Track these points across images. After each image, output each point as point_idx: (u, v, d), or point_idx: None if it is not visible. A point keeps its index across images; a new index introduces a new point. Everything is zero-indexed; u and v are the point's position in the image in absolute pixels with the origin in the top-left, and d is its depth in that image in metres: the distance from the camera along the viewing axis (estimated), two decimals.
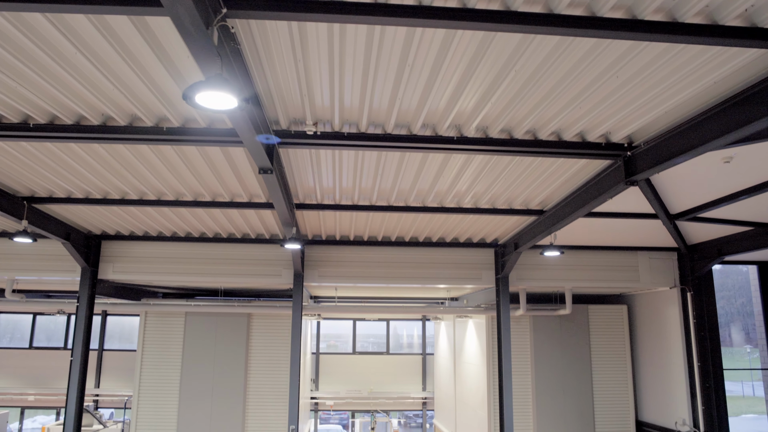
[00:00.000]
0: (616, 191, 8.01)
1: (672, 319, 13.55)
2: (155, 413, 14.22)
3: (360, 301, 17.84)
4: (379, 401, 22.55)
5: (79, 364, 12.14)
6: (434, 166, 8.72)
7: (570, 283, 13.58)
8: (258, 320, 14.81)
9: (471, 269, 13.28)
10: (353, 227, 12.25)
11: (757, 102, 5.56)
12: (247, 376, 14.52)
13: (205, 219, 11.62)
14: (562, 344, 14.98)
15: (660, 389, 14.04)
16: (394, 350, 23.89)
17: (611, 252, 13.54)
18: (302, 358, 17.78)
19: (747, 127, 5.68)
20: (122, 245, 12.99)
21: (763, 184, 8.70)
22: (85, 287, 12.46)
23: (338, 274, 13.12)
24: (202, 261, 12.92)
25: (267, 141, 6.62)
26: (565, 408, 14.67)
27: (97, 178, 9.29)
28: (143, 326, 14.69)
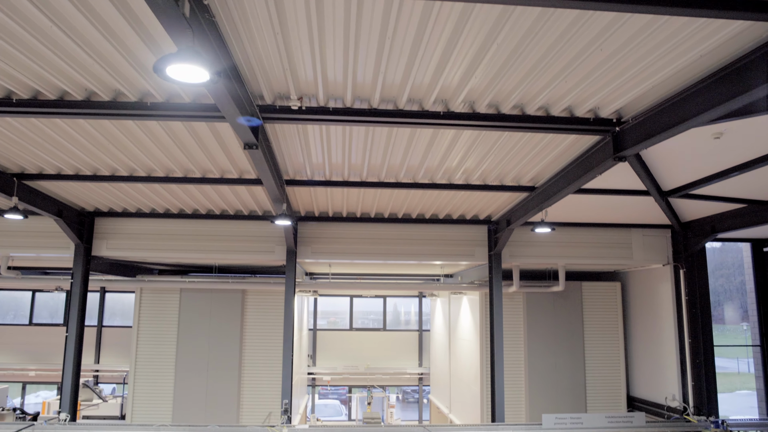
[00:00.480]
0: (605, 167, 7.96)
1: (664, 295, 13.59)
2: (152, 388, 14.41)
3: (355, 277, 17.91)
4: (376, 377, 22.80)
5: (75, 340, 12.25)
6: (423, 141, 8.66)
7: (563, 259, 13.60)
8: (252, 296, 14.91)
9: (464, 246, 13.29)
10: (345, 204, 12.24)
11: (744, 75, 5.48)
12: (242, 351, 14.66)
13: (196, 195, 11.61)
14: (556, 321, 15.06)
15: (651, 365, 14.15)
16: (391, 327, 24.08)
17: (605, 229, 13.53)
18: (298, 334, 17.94)
19: (733, 101, 5.60)
20: (115, 222, 13.01)
21: (754, 161, 8.63)
22: (78, 264, 12.51)
23: (331, 251, 13.15)
24: (195, 238, 12.94)
25: (249, 123, 6.56)
26: (557, 383, 14.81)
27: (85, 154, 9.26)
28: (138, 303, 14.79)
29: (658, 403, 13.64)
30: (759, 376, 13.19)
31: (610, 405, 14.74)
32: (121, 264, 14.77)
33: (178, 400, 14.24)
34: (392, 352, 23.47)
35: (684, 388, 12.83)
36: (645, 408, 14.12)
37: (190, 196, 11.63)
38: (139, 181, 10.38)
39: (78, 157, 9.40)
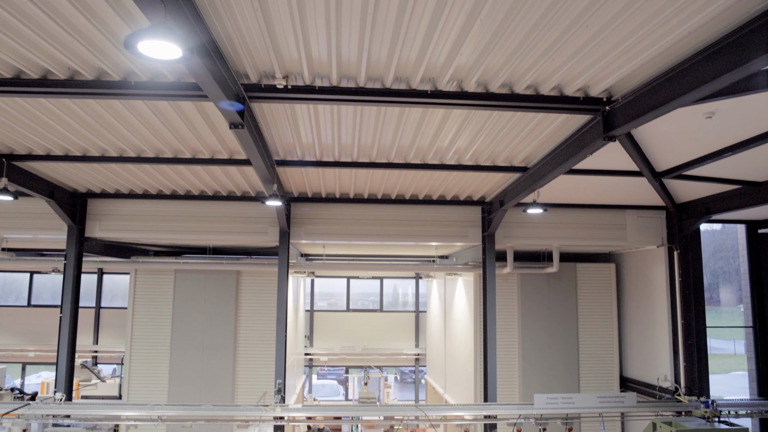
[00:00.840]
0: (595, 147, 7.88)
1: (658, 277, 13.58)
2: (148, 368, 14.51)
3: (350, 259, 17.92)
4: (373, 357, 22.96)
5: (69, 321, 12.31)
6: (413, 121, 8.58)
7: (557, 241, 13.57)
8: (247, 277, 14.93)
9: (458, 227, 13.26)
10: (338, 184, 12.18)
11: (732, 52, 5.38)
12: (237, 332, 14.73)
13: (188, 176, 11.55)
14: (550, 302, 15.09)
15: (644, 346, 14.20)
16: (388, 308, 24.17)
17: (599, 210, 13.47)
18: (294, 316, 18.01)
19: (722, 78, 5.51)
20: (108, 203, 12.98)
21: (747, 141, 8.54)
22: (72, 245, 12.51)
23: (325, 232, 13.12)
24: (188, 219, 12.92)
25: (230, 107, 6.48)
26: (550, 364, 14.89)
27: (73, 134, 9.19)
28: (133, 284, 14.83)
29: (651, 384, 13.71)
30: (751, 357, 13.23)
31: (603, 385, 14.83)
32: (115, 245, 14.77)
33: (174, 380, 14.35)
34: (389, 333, 23.60)
35: (676, 369, 12.88)
36: (638, 388, 14.20)
37: (182, 176, 11.57)
38: (129, 161, 10.32)
39: (66, 137, 9.34)
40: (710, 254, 33.85)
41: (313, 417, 12.69)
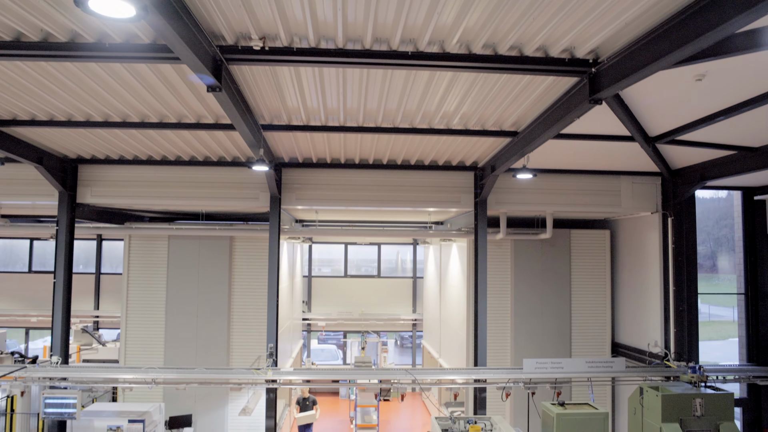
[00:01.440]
0: (582, 110, 7.72)
1: (652, 244, 13.51)
2: (143, 333, 14.70)
3: (344, 224, 17.91)
4: (370, 322, 23.20)
5: (63, 287, 12.41)
6: (398, 84, 8.41)
7: (551, 207, 13.48)
8: (240, 243, 14.96)
9: (450, 193, 13.17)
10: (328, 150, 12.06)
11: (711, 11, 5.17)
12: (231, 297, 14.85)
13: (176, 141, 11.44)
14: (543, 268, 15.08)
15: (636, 312, 14.23)
16: (386, 274, 24.30)
17: (593, 176, 13.32)
18: (289, 281, 18.13)
19: (703, 37, 5.31)
20: (99, 169, 12.93)
21: (739, 105, 8.34)
22: (63, 212, 12.52)
23: (316, 197, 13.07)
24: (179, 184, 12.87)
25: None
26: (543, 329, 14.98)
27: (56, 99, 9.07)
28: (128, 249, 14.90)
29: (642, 350, 13.80)
30: (741, 324, 13.25)
31: (594, 351, 14.94)
32: (108, 211, 14.80)
33: (170, 344, 14.56)
34: (387, 298, 23.79)
35: (666, 335, 12.93)
36: (629, 354, 14.30)
37: (170, 142, 11.48)
38: (114, 126, 10.23)
39: (49, 102, 9.23)
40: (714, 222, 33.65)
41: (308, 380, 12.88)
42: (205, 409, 14.50)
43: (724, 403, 10.77)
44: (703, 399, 10.71)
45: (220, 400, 14.47)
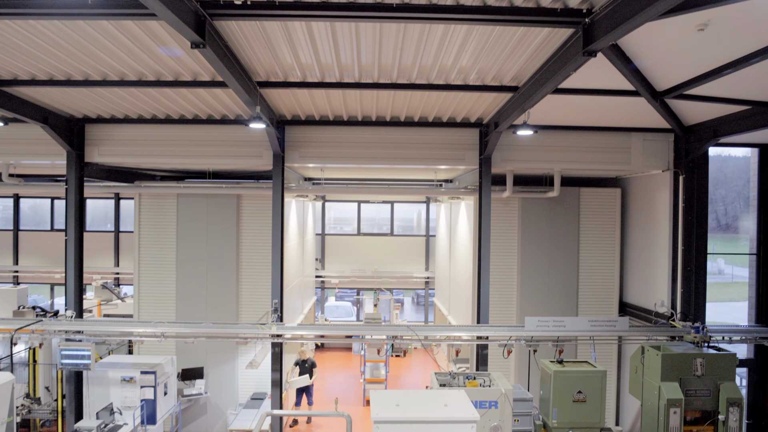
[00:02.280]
0: (576, 63, 7.43)
1: (662, 202, 13.19)
2: (155, 289, 15.11)
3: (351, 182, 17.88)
4: (383, 280, 23.43)
5: (74, 244, 12.74)
6: (390, 38, 8.21)
7: (559, 164, 13.20)
8: (247, 201, 15.07)
9: (455, 150, 12.97)
10: (329, 106, 11.92)
11: None
12: (239, 254, 15.08)
13: (177, 100, 11.42)
14: (551, 226, 14.90)
15: (645, 272, 14.04)
16: (398, 232, 24.36)
17: (603, 133, 12.95)
18: (299, 239, 18.33)
19: None
20: (105, 128, 13.05)
21: (748, 56, 7.93)
22: (72, 171, 12.74)
23: (319, 155, 13.02)
24: (183, 143, 12.94)
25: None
26: (549, 288, 14.92)
27: (50, 58, 9.10)
28: (138, 208, 15.16)
29: (649, 309, 13.67)
30: (752, 284, 12.97)
31: (601, 310, 14.85)
32: (118, 170, 15.02)
33: (181, 300, 14.95)
34: (399, 257, 23.92)
35: (673, 295, 12.77)
36: (636, 314, 14.19)
37: (171, 100, 11.47)
38: (112, 85, 10.24)
39: (45, 61, 9.27)
40: (745, 182, 32.74)
41: (322, 335, 13.13)
42: (216, 362, 14.98)
43: (726, 363, 10.69)
44: (704, 359, 10.64)
45: (230, 354, 14.92)
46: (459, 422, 6.17)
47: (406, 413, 6.29)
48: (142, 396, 12.42)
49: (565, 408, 10.39)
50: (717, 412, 10.59)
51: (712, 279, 31.27)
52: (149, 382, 12.44)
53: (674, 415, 10.41)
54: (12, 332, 11.61)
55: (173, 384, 13.45)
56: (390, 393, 6.93)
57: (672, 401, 10.40)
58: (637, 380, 11.67)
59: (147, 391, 12.42)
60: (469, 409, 6.42)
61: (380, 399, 6.63)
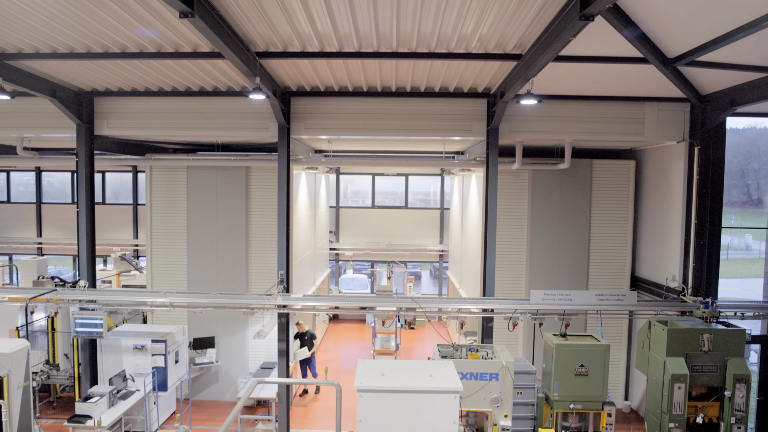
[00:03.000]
0: (575, 28, 7.15)
1: (677, 174, 12.82)
2: (168, 261, 15.37)
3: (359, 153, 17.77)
4: (397, 253, 23.45)
5: (86, 215, 13.03)
6: (385, 3, 8.01)
7: (570, 135, 12.89)
8: (256, 173, 15.12)
9: (462, 121, 12.75)
10: (332, 77, 11.79)
11: None
12: (249, 226, 15.19)
13: (180, 71, 11.41)
14: (562, 199, 14.62)
15: (657, 246, 13.74)
16: (413, 205, 24.26)
17: (616, 102, 12.56)
18: (311, 211, 18.39)
19: None
20: (114, 101, 13.16)
21: (761, 19, 7.51)
22: (81, 143, 12.92)
23: (325, 126, 12.94)
24: (189, 115, 12.99)
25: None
26: (558, 262, 14.73)
27: (51, 31, 9.19)
28: (150, 181, 15.35)
29: (659, 284, 13.42)
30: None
31: (612, 285, 14.64)
32: (128, 143, 15.18)
33: (192, 272, 15.20)
34: (414, 229, 23.87)
35: (685, 270, 12.48)
36: (648, 289, 13.95)
37: (174, 72, 11.47)
38: (115, 58, 10.28)
39: (47, 35, 9.36)
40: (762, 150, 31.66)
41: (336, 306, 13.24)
42: (226, 332, 15.26)
43: (735, 339, 10.46)
44: (711, 334, 10.43)
45: (240, 324, 15.18)
46: (441, 392, 6.17)
47: (389, 382, 6.31)
48: (154, 363, 12.77)
49: (566, 381, 10.33)
50: (723, 388, 10.41)
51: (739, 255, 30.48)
52: (160, 351, 12.77)
53: (679, 390, 10.27)
54: (26, 301, 11.97)
55: (184, 352, 13.78)
56: (377, 363, 6.96)
57: (677, 376, 10.25)
58: (643, 355, 11.52)
59: (158, 359, 12.76)
60: (454, 380, 6.41)
61: (366, 368, 6.66)
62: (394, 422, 6.12)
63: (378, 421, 6.11)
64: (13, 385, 10.62)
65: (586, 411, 10.40)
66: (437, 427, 6.14)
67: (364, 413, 6.13)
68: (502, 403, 10.26)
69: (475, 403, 10.28)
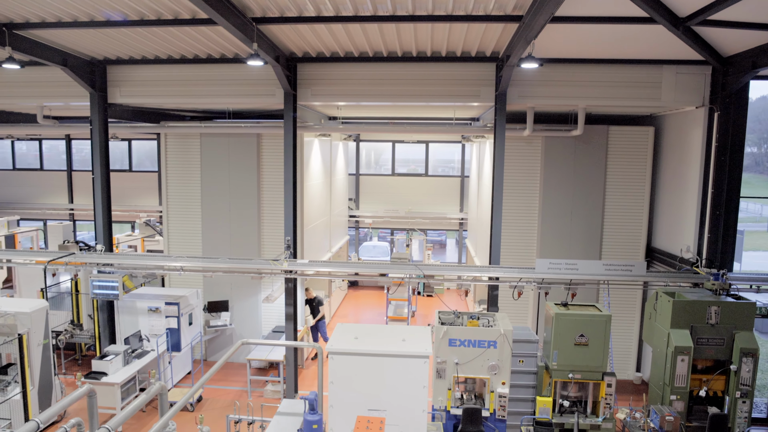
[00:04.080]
0: None
1: (695, 141, 12.29)
2: (183, 227, 15.74)
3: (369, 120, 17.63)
4: (416, 221, 23.41)
5: (101, 182, 13.38)
6: None
7: (583, 101, 12.46)
8: (268, 140, 15.20)
9: (470, 86, 12.45)
10: (336, 42, 11.63)
11: None
12: (260, 192, 15.36)
13: (184, 38, 11.45)
14: (576, 167, 14.24)
15: (674, 216, 13.30)
16: (433, 173, 24.07)
17: (631, 66, 12.03)
18: (325, 178, 18.47)
19: None
20: (125, 70, 13.36)
21: None
22: (95, 112, 13.21)
23: (332, 92, 12.86)
24: (199, 83, 13.09)
25: None
26: (571, 231, 14.43)
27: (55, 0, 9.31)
28: (165, 148, 15.62)
29: (674, 255, 13.04)
30: None
31: (627, 255, 14.29)
32: (143, 111, 15.44)
33: (206, 237, 15.55)
34: (434, 197, 23.73)
35: (700, 240, 12.07)
36: (664, 260, 13.57)
37: (179, 39, 11.51)
38: (118, 26, 10.38)
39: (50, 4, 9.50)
40: None
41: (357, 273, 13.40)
42: (240, 296, 15.65)
43: (744, 312, 10.13)
44: (719, 307, 10.12)
45: (253, 289, 15.53)
46: (411, 357, 6.22)
47: (360, 346, 6.39)
48: (167, 325, 13.24)
49: (565, 351, 10.23)
50: (730, 361, 10.15)
51: None
52: (173, 313, 13.21)
53: (681, 363, 10.07)
54: (45, 263, 12.52)
55: (198, 315, 14.23)
56: (355, 327, 7.05)
57: (680, 348, 10.04)
58: (650, 326, 11.31)
59: (171, 320, 13.22)
60: (425, 345, 6.44)
61: (342, 331, 6.76)
62: (365, 384, 6.22)
63: (349, 383, 6.22)
64: (33, 342, 11.23)
65: (585, 381, 10.31)
66: (407, 390, 6.21)
67: (335, 375, 6.25)
68: (500, 370, 10.29)
69: (472, 369, 10.34)
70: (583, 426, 10.15)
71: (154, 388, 6.35)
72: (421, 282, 12.27)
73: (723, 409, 10.23)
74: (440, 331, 10.33)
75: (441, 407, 10.42)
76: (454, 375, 10.35)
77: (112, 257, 12.99)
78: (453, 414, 10.35)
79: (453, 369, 10.35)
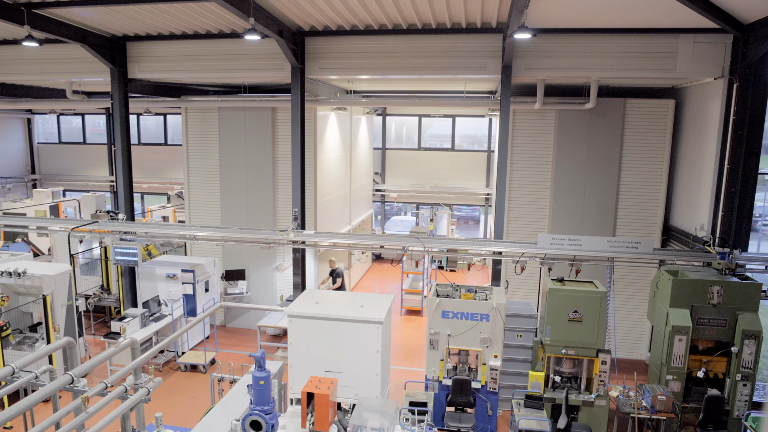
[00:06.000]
0: None
1: (713, 114, 11.72)
2: (203, 198, 16.34)
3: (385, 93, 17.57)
4: (441, 195, 23.35)
5: (123, 154, 14.04)
6: None
7: (595, 72, 12.05)
8: (282, 114, 15.45)
9: (476, 58, 12.25)
10: (338, 14, 11.64)
11: None
12: (275, 165, 15.70)
13: (194, 15, 11.72)
14: (590, 141, 13.83)
15: (690, 193, 12.79)
16: (459, 147, 23.85)
17: (645, 35, 11.52)
18: (346, 152, 18.65)
19: None
20: (143, 45, 13.83)
21: None
22: (115, 87, 13.78)
23: (339, 66, 12.93)
24: (212, 57, 13.41)
25: None
26: (584, 207, 14.11)
27: None
28: (186, 122, 16.15)
29: (688, 233, 12.60)
30: None
31: (642, 233, 13.88)
32: (164, 86, 15.96)
33: (225, 208, 16.09)
34: (460, 172, 23.56)
35: (714, 218, 11.60)
36: (679, 238, 13.12)
37: (189, 16, 11.77)
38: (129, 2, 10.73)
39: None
40: None
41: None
42: (256, 265, 16.18)
43: (749, 292, 9.79)
44: (722, 287, 9.80)
45: (268, 259, 16.01)
46: (363, 322, 6.38)
47: (319, 310, 6.60)
48: (184, 291, 13.88)
49: (559, 326, 10.16)
50: (732, 343, 9.85)
51: None
52: (189, 279, 13.83)
53: (679, 343, 9.86)
54: (68, 230, 13.32)
55: (215, 283, 14.84)
56: (320, 293, 7.26)
57: (678, 328, 9.82)
58: (653, 304, 11.07)
59: (187, 287, 13.85)
60: (381, 312, 6.58)
61: (305, 297, 7.00)
62: (321, 347, 6.45)
63: (307, 345, 6.46)
64: (57, 303, 12.06)
65: (579, 357, 10.25)
66: (361, 354, 6.41)
67: (293, 337, 6.51)
68: (492, 343, 10.35)
69: (464, 342, 10.45)
70: (575, 402, 10.11)
71: (124, 342, 6.82)
72: (436, 256, 12.35)
73: (723, 391, 9.97)
74: (433, 303, 10.47)
75: (434, 377, 10.62)
76: (446, 346, 10.49)
77: (130, 225, 13.68)
78: (445, 384, 10.53)
79: (446, 341, 10.50)
